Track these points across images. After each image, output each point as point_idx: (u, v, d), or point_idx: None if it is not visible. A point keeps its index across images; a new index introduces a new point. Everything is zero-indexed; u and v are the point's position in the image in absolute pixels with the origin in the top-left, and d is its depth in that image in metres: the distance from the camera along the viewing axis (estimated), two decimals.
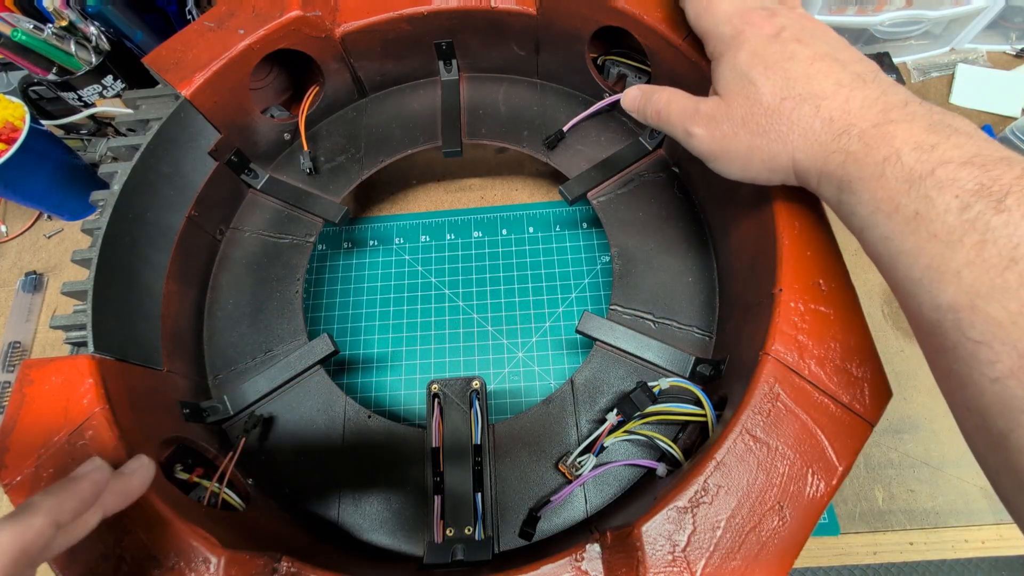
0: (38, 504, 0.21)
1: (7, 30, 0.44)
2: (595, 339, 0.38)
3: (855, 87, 0.24)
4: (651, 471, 0.34)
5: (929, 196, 0.20)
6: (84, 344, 0.32)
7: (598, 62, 0.44)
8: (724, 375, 0.34)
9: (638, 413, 0.34)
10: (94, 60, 0.48)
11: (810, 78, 0.25)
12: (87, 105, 0.50)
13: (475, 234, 0.51)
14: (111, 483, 0.24)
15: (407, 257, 0.50)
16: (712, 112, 0.28)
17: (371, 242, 0.51)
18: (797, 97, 0.25)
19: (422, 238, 0.51)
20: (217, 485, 0.32)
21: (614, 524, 0.27)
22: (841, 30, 0.53)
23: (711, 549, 0.25)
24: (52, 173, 0.48)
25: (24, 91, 0.52)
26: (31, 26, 0.45)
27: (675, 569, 0.24)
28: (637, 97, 0.33)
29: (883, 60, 0.54)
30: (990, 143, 0.21)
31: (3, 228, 0.54)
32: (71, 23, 0.47)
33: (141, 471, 0.26)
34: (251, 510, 0.34)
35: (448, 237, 0.51)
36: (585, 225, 0.50)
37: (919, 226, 0.21)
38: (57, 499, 0.22)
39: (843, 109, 0.24)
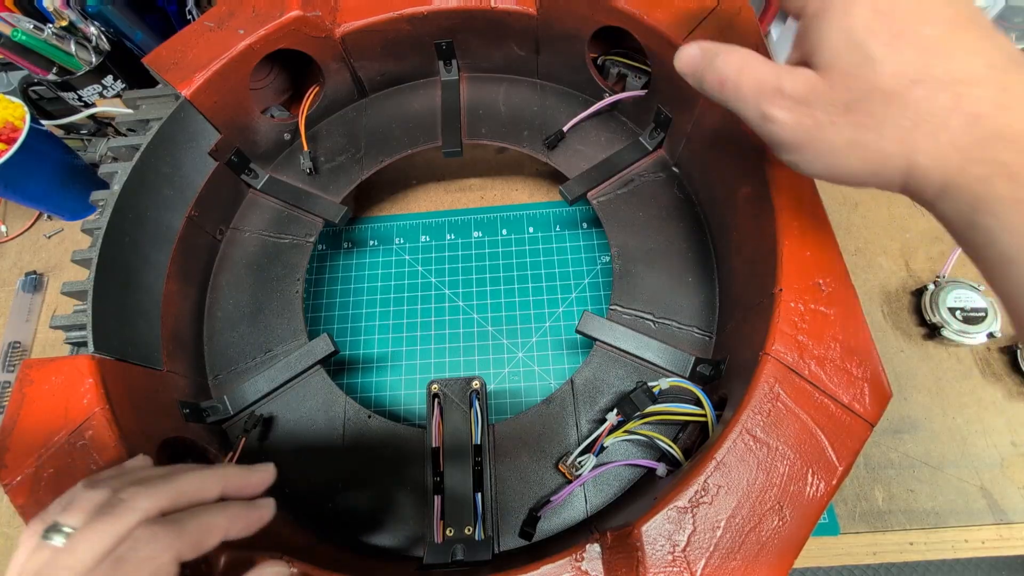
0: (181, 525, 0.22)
1: (7, 30, 0.44)
2: (595, 339, 0.38)
3: (1010, 70, 0.18)
4: (651, 471, 0.34)
5: None
6: (84, 344, 0.32)
7: (598, 62, 0.44)
8: (724, 375, 0.34)
9: (638, 413, 0.34)
10: (94, 60, 0.48)
11: (951, 53, 0.18)
12: (87, 105, 0.50)
13: (475, 234, 0.51)
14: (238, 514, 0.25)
15: (407, 257, 0.50)
16: (803, 92, 0.21)
17: (371, 242, 0.51)
18: (934, 82, 0.18)
19: (422, 238, 0.51)
20: None
21: (614, 524, 0.27)
22: None
23: (711, 549, 0.25)
24: (52, 173, 0.48)
25: (24, 91, 0.52)
26: (31, 26, 0.45)
27: (675, 569, 0.24)
28: (696, 57, 0.24)
29: None
30: None
31: (3, 228, 0.54)
32: (71, 23, 0.47)
33: (267, 509, 0.27)
34: None
35: (448, 237, 0.51)
36: (585, 225, 0.50)
37: None
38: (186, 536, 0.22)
39: (997, 103, 0.18)
